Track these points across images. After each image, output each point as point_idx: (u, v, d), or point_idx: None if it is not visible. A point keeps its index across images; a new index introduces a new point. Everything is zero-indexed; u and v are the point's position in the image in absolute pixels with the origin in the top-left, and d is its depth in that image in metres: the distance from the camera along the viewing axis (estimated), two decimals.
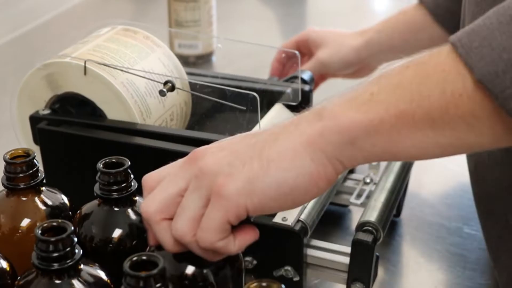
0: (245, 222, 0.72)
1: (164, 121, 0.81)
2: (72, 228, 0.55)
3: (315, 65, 1.03)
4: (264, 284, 0.49)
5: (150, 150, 0.75)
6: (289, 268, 0.73)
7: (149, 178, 0.58)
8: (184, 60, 1.28)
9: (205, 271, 0.58)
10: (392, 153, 0.53)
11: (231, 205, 0.53)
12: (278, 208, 0.55)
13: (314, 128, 0.52)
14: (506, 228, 0.74)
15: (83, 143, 0.78)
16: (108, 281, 0.58)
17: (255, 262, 0.75)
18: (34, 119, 0.81)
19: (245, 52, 1.27)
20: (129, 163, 0.64)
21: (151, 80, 0.79)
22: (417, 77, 0.51)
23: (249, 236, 0.57)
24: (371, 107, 0.51)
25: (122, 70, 0.78)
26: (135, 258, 0.52)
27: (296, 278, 0.74)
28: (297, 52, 0.90)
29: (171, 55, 0.85)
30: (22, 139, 0.85)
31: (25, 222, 0.65)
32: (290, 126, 0.54)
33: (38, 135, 0.80)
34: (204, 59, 1.31)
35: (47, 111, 0.81)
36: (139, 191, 0.65)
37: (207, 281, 0.58)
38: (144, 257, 0.52)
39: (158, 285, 0.51)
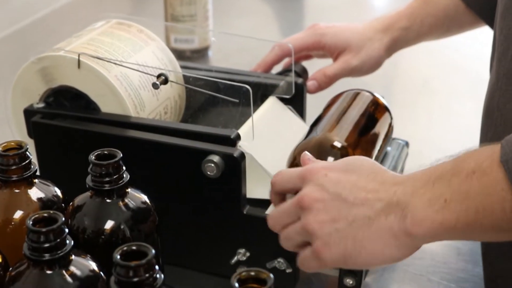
0: (239, 215, 0.73)
1: (158, 114, 0.82)
2: (63, 219, 0.56)
3: (343, 71, 0.96)
4: (252, 273, 0.49)
5: (144, 143, 0.75)
6: (282, 260, 0.74)
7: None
8: (180, 55, 1.28)
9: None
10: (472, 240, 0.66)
11: (323, 265, 0.63)
12: (363, 267, 0.70)
13: (400, 227, 0.59)
14: None
15: (77, 136, 0.78)
16: (100, 271, 0.58)
17: (248, 254, 0.75)
18: (28, 113, 0.81)
19: (241, 46, 1.27)
20: (121, 155, 0.64)
21: (145, 73, 0.80)
22: (481, 193, 0.55)
23: None
24: (445, 216, 0.57)
25: (116, 64, 0.78)
26: (125, 248, 0.52)
27: (289, 270, 0.74)
28: (290, 45, 0.90)
29: (165, 49, 0.86)
30: (17, 133, 0.85)
31: (18, 214, 0.65)
32: (381, 213, 0.60)
33: (32, 129, 0.80)
34: (200, 53, 1.31)
35: (41, 105, 0.81)
36: (131, 183, 0.66)
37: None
38: (134, 247, 0.52)
39: (148, 274, 0.51)
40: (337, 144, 0.74)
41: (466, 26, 0.97)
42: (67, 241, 0.56)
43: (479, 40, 0.87)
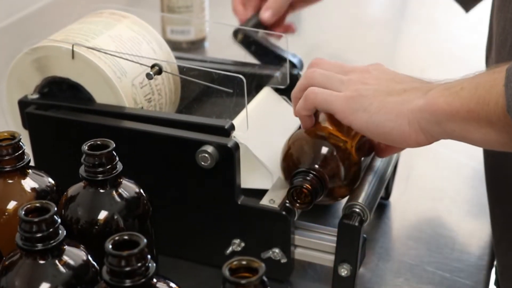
0: (233, 205, 0.73)
1: (152, 98, 0.81)
2: (55, 209, 0.56)
3: None
4: (244, 262, 0.49)
5: (139, 134, 0.75)
6: (276, 250, 0.74)
7: None
8: (177, 46, 1.27)
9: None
10: (467, 140, 0.64)
11: (344, 108, 0.68)
12: (375, 138, 0.71)
13: (418, 103, 0.65)
14: (511, 219, 0.75)
15: (71, 127, 0.78)
16: (92, 261, 0.58)
17: (243, 244, 0.75)
18: (23, 104, 0.81)
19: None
20: (114, 145, 0.64)
21: (140, 64, 0.79)
22: (487, 85, 0.61)
23: None
24: (455, 100, 0.62)
25: (110, 54, 0.78)
26: (117, 238, 0.52)
27: (284, 260, 0.74)
28: (284, 35, 0.90)
29: (142, 23, 0.86)
30: (12, 124, 0.85)
31: (11, 204, 0.65)
32: (413, 90, 0.67)
33: (27, 120, 0.80)
34: (196, 44, 1.30)
35: (35, 96, 0.81)
36: (125, 173, 0.66)
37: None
38: (125, 237, 0.52)
39: (140, 264, 0.51)
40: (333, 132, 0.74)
41: None
42: (60, 231, 0.56)
43: (477, 30, 0.87)
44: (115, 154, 0.64)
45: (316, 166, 0.70)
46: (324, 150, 0.72)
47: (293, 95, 0.74)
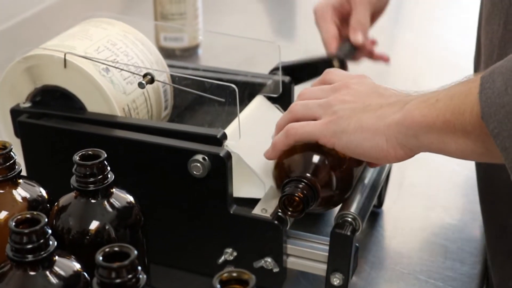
0: (225, 214, 0.73)
1: (142, 105, 0.81)
2: (46, 220, 0.56)
3: (367, 10, 1.06)
4: (234, 274, 0.49)
5: (130, 143, 0.75)
6: (269, 259, 0.74)
7: None
8: (170, 53, 1.27)
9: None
10: (444, 152, 0.64)
11: (323, 134, 0.69)
12: (357, 157, 0.70)
13: (394, 117, 0.65)
14: (506, 231, 0.75)
15: (64, 136, 0.78)
16: (83, 272, 0.58)
17: (235, 253, 0.75)
18: (15, 112, 0.81)
19: (231, 45, 1.27)
20: (106, 155, 0.64)
21: (132, 73, 0.79)
22: (462, 94, 0.61)
23: None
24: (431, 111, 0.62)
25: (103, 63, 0.78)
26: (107, 249, 0.52)
27: (276, 269, 0.74)
28: (277, 45, 0.90)
29: (117, 23, 0.86)
30: (4, 133, 0.85)
31: (2, 214, 0.65)
32: (390, 104, 0.67)
33: (19, 128, 0.80)
34: (189, 52, 1.30)
35: (28, 104, 0.81)
36: (116, 183, 0.65)
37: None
38: (116, 248, 0.52)
39: (130, 275, 0.51)
40: None
41: None
42: (50, 242, 0.56)
43: (469, 37, 0.87)
44: (106, 164, 0.64)
45: (308, 174, 0.70)
46: (316, 158, 0.71)
47: (277, 126, 0.75)
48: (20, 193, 0.66)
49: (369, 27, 1.08)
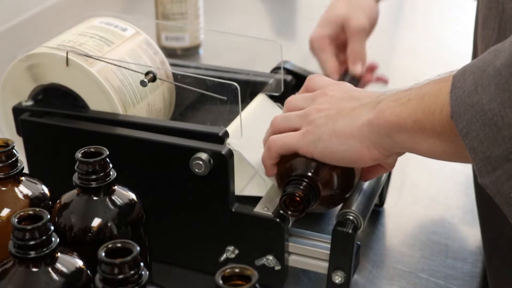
0: (227, 212, 0.73)
1: (146, 106, 0.81)
2: (49, 216, 0.56)
3: (363, 40, 1.10)
4: (237, 270, 0.49)
5: (133, 141, 0.75)
6: (270, 257, 0.74)
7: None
8: (171, 53, 1.28)
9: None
10: (416, 151, 0.64)
11: (301, 145, 0.70)
12: (334, 163, 0.69)
13: (367, 118, 0.65)
14: (502, 237, 0.75)
15: (66, 134, 0.78)
16: (86, 269, 0.58)
17: (237, 251, 0.75)
18: (17, 111, 0.81)
19: (232, 44, 1.27)
20: (108, 153, 0.64)
21: (134, 71, 0.79)
22: (433, 94, 0.60)
23: None
24: (402, 111, 0.62)
25: (105, 62, 0.78)
26: (110, 246, 0.52)
27: (278, 267, 0.74)
28: (279, 43, 0.90)
29: (113, 21, 0.86)
30: (6, 131, 0.85)
31: (5, 212, 0.65)
32: (363, 106, 0.67)
33: (21, 126, 0.80)
34: (191, 51, 1.31)
35: (30, 102, 0.81)
36: (118, 181, 0.66)
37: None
38: (119, 245, 0.52)
39: (133, 272, 0.51)
40: None
41: None
42: (53, 239, 0.56)
43: (469, 38, 0.87)
44: (108, 161, 0.64)
45: (309, 173, 0.70)
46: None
47: (263, 141, 0.75)
48: (22, 190, 0.66)
49: (366, 57, 1.11)
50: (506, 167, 0.54)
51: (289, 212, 0.70)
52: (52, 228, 0.56)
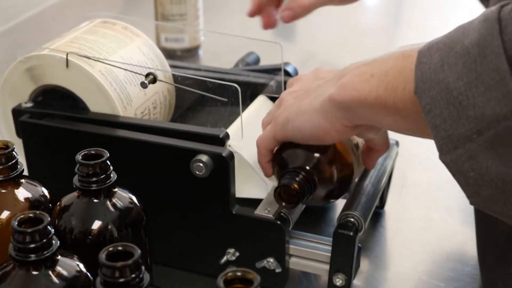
0: (228, 214, 0.73)
1: (147, 109, 0.81)
2: (49, 219, 0.55)
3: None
4: (239, 273, 0.49)
5: (133, 143, 0.75)
6: (271, 259, 0.74)
7: None
8: (171, 54, 1.27)
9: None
10: (379, 125, 0.66)
11: (275, 132, 0.71)
12: (304, 142, 0.69)
13: (328, 92, 0.64)
14: (495, 234, 0.75)
15: (65, 136, 0.78)
16: (86, 272, 0.58)
17: (237, 253, 0.75)
18: (17, 112, 0.81)
19: (232, 45, 1.26)
20: (108, 155, 0.64)
21: (135, 73, 0.79)
22: (396, 71, 0.59)
23: None
24: (364, 86, 0.61)
25: (105, 63, 0.78)
26: (111, 249, 0.52)
27: (279, 270, 0.74)
28: (279, 45, 0.90)
29: (151, 44, 0.85)
30: (6, 133, 0.85)
31: (4, 214, 0.64)
32: (327, 82, 0.67)
33: (21, 128, 0.80)
34: (190, 52, 1.30)
35: (29, 104, 0.81)
36: (119, 183, 0.65)
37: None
38: (120, 248, 0.52)
39: (134, 275, 0.51)
40: None
41: None
42: (53, 242, 0.56)
43: None
44: (109, 163, 0.64)
45: (306, 166, 0.70)
46: (315, 150, 0.71)
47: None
48: (22, 192, 0.66)
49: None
50: (468, 147, 0.53)
51: (283, 204, 0.70)
52: (53, 231, 0.56)
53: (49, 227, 0.55)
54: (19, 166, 0.66)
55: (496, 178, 0.53)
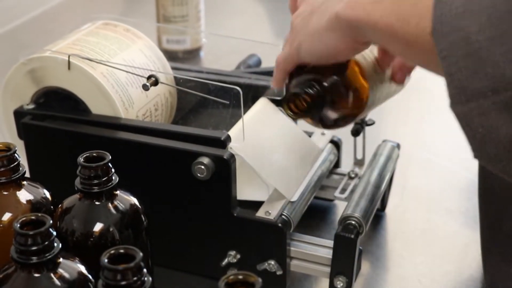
0: (229, 217, 0.73)
1: (148, 111, 0.81)
2: (51, 221, 0.55)
3: None
4: (240, 277, 0.49)
5: (134, 145, 0.75)
6: (272, 262, 0.74)
7: None
8: (172, 56, 1.28)
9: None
10: (389, 50, 0.64)
11: (290, 53, 0.69)
12: (318, 62, 0.68)
13: (335, 8, 0.62)
14: (501, 232, 0.75)
15: (67, 137, 0.78)
16: (88, 274, 0.58)
17: (238, 256, 0.75)
18: (19, 114, 0.81)
19: (233, 47, 1.27)
20: (110, 157, 0.64)
21: (137, 75, 0.79)
22: (411, 2, 0.56)
23: None
24: (374, 10, 0.58)
25: (107, 65, 0.78)
26: (112, 251, 0.52)
27: (280, 272, 0.74)
28: (281, 47, 0.90)
29: (153, 46, 0.86)
30: (8, 134, 0.85)
31: (6, 216, 0.64)
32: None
33: (22, 130, 0.80)
34: (192, 54, 1.31)
35: (31, 106, 0.81)
36: (120, 185, 0.65)
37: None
38: (121, 250, 0.52)
39: (135, 278, 0.51)
40: None
41: None
42: (55, 244, 0.56)
43: None
44: (111, 166, 0.64)
45: (320, 81, 0.68)
46: (330, 68, 0.69)
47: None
48: (23, 195, 0.66)
49: None
50: (481, 102, 0.51)
51: (288, 110, 0.69)
52: (54, 233, 0.56)
53: (51, 229, 0.55)
54: (21, 168, 0.66)
55: (504, 138, 0.51)
